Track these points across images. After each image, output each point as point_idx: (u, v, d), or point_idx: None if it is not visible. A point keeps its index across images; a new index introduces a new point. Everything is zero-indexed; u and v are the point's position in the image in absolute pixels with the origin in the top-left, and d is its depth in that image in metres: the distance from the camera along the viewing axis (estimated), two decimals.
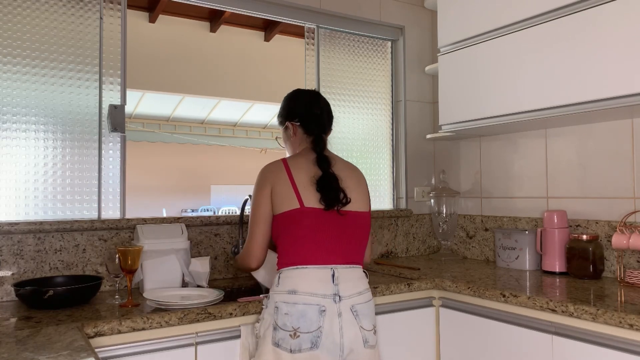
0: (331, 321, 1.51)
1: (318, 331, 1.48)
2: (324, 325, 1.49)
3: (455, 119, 2.35)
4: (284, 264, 1.59)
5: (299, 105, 1.79)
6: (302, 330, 1.48)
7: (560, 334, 1.66)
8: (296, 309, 1.50)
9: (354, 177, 1.72)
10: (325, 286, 1.53)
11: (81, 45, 2.06)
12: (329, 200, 1.59)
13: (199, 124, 11.09)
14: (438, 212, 2.75)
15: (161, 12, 6.33)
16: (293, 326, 1.48)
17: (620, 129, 2.10)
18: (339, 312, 1.52)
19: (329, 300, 1.52)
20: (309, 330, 1.48)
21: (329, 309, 1.51)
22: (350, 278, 1.58)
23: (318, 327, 1.49)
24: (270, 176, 1.64)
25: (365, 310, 1.58)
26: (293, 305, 1.50)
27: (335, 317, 1.51)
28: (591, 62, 1.83)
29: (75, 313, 1.59)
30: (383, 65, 2.90)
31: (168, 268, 1.90)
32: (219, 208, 11.38)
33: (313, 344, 1.48)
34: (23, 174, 1.94)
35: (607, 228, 2.13)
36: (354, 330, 1.53)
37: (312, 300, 1.51)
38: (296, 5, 2.55)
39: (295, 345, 1.47)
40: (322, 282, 1.53)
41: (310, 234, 1.57)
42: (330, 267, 1.56)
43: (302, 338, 1.47)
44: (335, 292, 1.53)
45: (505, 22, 2.11)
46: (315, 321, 1.49)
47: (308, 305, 1.50)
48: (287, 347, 1.47)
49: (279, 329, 1.49)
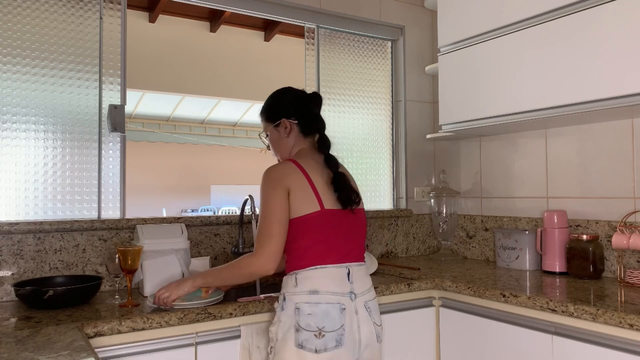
0: (351, 319, 1.53)
1: (341, 329, 1.50)
2: (346, 323, 1.52)
3: (455, 119, 2.35)
4: (301, 266, 1.56)
5: (297, 103, 1.73)
6: (327, 329, 1.49)
7: (560, 334, 1.66)
8: (319, 309, 1.50)
9: (350, 175, 1.75)
10: (342, 285, 1.55)
11: (81, 45, 2.06)
12: (345, 200, 1.60)
13: (199, 124, 11.09)
14: (438, 212, 2.75)
15: (161, 12, 6.32)
16: (318, 326, 1.49)
17: (620, 129, 2.10)
18: (356, 310, 1.55)
19: (346, 298, 1.54)
20: (334, 329, 1.49)
21: (348, 306, 1.53)
22: (361, 275, 1.61)
23: (341, 325, 1.51)
24: (286, 178, 1.57)
25: (375, 306, 1.62)
26: (316, 305, 1.51)
27: (353, 314, 1.54)
28: (591, 62, 1.83)
29: (75, 313, 1.59)
30: (383, 65, 2.90)
31: (168, 268, 1.90)
32: (219, 208, 11.38)
33: (337, 342, 1.49)
34: (23, 174, 1.94)
35: (607, 228, 2.13)
36: (368, 326, 1.57)
37: (333, 299, 1.52)
38: (296, 5, 2.55)
39: (320, 345, 1.48)
40: (340, 280, 1.55)
41: (328, 235, 1.57)
42: (345, 266, 1.58)
43: (327, 337, 1.48)
44: (351, 290, 1.56)
45: (505, 22, 2.11)
46: (338, 319, 1.51)
47: (330, 304, 1.51)
48: (312, 347, 1.47)
49: (302, 330, 1.49)
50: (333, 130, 2.69)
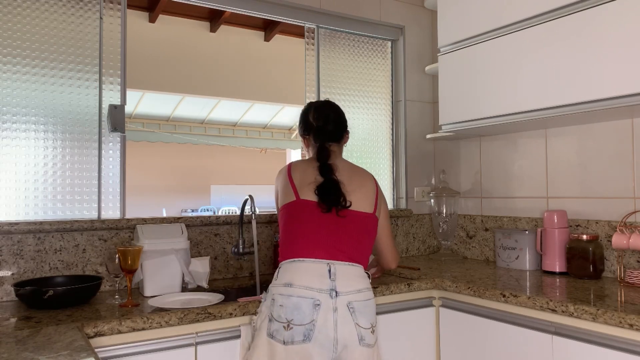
0: (325, 315, 1.54)
1: (311, 324, 1.52)
2: (318, 319, 1.53)
3: (455, 119, 2.35)
4: (283, 258, 1.65)
5: (307, 120, 1.87)
6: (295, 322, 1.52)
7: (560, 334, 1.66)
8: (290, 301, 1.54)
9: (357, 180, 1.76)
10: (321, 281, 1.57)
11: (81, 45, 2.06)
12: (326, 203, 1.65)
13: (199, 124, 11.08)
14: (438, 212, 2.75)
15: (161, 12, 6.32)
16: (287, 318, 1.53)
17: (620, 129, 2.10)
18: (335, 307, 1.55)
19: (324, 295, 1.55)
20: (302, 323, 1.52)
21: (324, 303, 1.54)
22: (348, 276, 1.60)
23: (311, 320, 1.52)
24: (277, 179, 1.82)
25: (363, 309, 1.60)
26: (288, 298, 1.55)
27: (330, 311, 1.54)
28: (591, 62, 1.83)
29: (75, 313, 1.59)
30: (383, 65, 2.90)
31: (168, 268, 1.90)
32: (219, 208, 11.36)
33: (305, 336, 1.51)
34: (23, 174, 1.94)
35: (607, 228, 2.13)
36: (348, 326, 1.56)
37: (306, 293, 1.55)
38: (296, 5, 2.55)
39: (288, 337, 1.51)
40: (318, 276, 1.57)
41: (307, 230, 1.63)
42: (326, 262, 1.59)
43: (295, 330, 1.51)
44: (332, 288, 1.57)
45: (505, 22, 2.11)
46: (308, 314, 1.53)
47: (302, 298, 1.54)
48: (280, 338, 1.52)
49: (274, 320, 1.54)
50: None
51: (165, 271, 1.89)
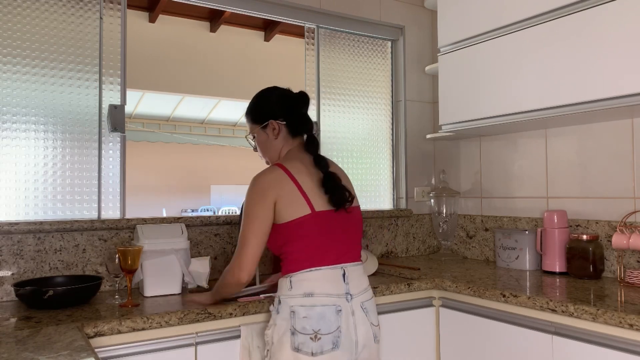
0: (347, 320, 1.52)
1: (338, 331, 1.49)
2: (342, 325, 1.50)
3: (455, 119, 2.35)
4: (295, 269, 1.55)
5: (284, 103, 1.70)
6: (323, 332, 1.48)
7: (560, 334, 1.66)
8: (315, 312, 1.49)
9: (343, 173, 1.74)
10: (337, 286, 1.54)
11: (81, 45, 2.06)
12: (337, 200, 1.58)
13: (199, 124, 11.10)
14: (438, 212, 2.75)
15: (161, 12, 6.32)
16: (313, 329, 1.47)
17: (620, 129, 2.10)
18: (352, 310, 1.54)
19: (342, 299, 1.53)
20: (330, 331, 1.48)
21: (344, 308, 1.52)
22: (356, 275, 1.60)
23: (337, 327, 1.49)
24: (273, 189, 1.55)
25: (372, 307, 1.61)
26: (311, 308, 1.49)
27: (349, 315, 1.53)
28: (591, 62, 1.83)
29: (75, 313, 1.59)
30: (383, 65, 2.90)
31: (168, 268, 1.90)
32: (219, 208, 11.37)
33: (334, 344, 1.48)
34: (23, 174, 1.94)
35: (607, 228, 2.13)
36: (365, 327, 1.55)
37: (328, 301, 1.51)
38: (296, 5, 2.55)
39: (317, 348, 1.46)
40: (335, 282, 1.54)
41: (321, 237, 1.56)
42: (341, 267, 1.56)
43: (323, 340, 1.47)
44: (347, 291, 1.55)
45: (505, 22, 2.11)
46: (334, 321, 1.49)
47: (326, 306, 1.50)
48: (308, 350, 1.46)
49: (298, 333, 1.48)
50: (333, 130, 2.69)
51: (165, 271, 1.89)
